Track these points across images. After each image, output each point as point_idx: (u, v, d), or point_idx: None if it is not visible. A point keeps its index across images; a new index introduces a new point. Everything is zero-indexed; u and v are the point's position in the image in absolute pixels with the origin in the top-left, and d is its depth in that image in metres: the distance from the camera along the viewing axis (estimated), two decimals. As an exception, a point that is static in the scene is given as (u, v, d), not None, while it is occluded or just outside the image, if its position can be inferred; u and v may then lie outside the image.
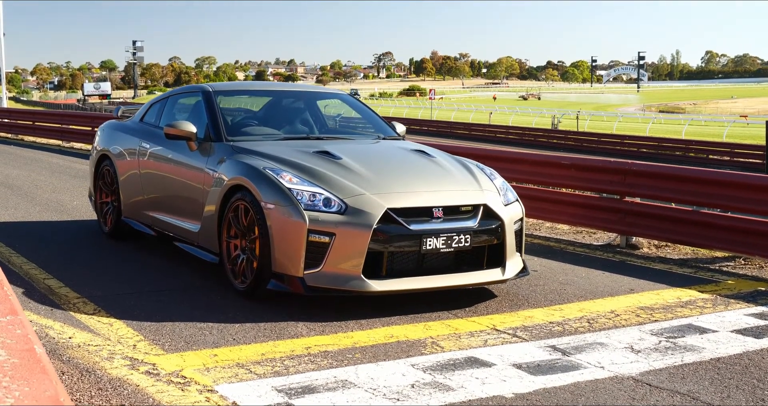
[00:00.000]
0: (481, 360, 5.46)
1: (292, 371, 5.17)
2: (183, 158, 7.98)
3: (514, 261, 7.09)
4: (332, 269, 6.40)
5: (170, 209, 8.22)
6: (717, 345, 5.88)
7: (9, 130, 28.97)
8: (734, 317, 6.62)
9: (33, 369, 1.95)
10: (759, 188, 8.33)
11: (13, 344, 2.09)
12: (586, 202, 9.99)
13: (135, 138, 9.03)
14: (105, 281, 7.50)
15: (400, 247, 6.46)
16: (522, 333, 6.10)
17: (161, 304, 6.74)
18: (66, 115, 27.00)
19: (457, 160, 7.60)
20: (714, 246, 8.78)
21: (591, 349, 5.74)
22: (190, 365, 5.27)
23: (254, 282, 6.71)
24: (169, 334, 5.93)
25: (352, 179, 6.75)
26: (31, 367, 1.96)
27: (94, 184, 9.81)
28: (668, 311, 6.79)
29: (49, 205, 12.11)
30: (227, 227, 7.06)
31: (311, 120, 8.65)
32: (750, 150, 40.28)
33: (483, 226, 6.79)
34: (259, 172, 6.81)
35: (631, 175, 9.41)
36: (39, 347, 2.10)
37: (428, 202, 6.68)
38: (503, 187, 7.31)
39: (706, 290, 7.52)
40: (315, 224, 6.38)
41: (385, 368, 5.27)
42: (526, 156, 10.95)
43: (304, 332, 6.02)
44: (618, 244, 9.62)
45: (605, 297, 7.22)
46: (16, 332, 2.17)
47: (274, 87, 9.25)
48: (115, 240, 9.38)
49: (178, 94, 9.13)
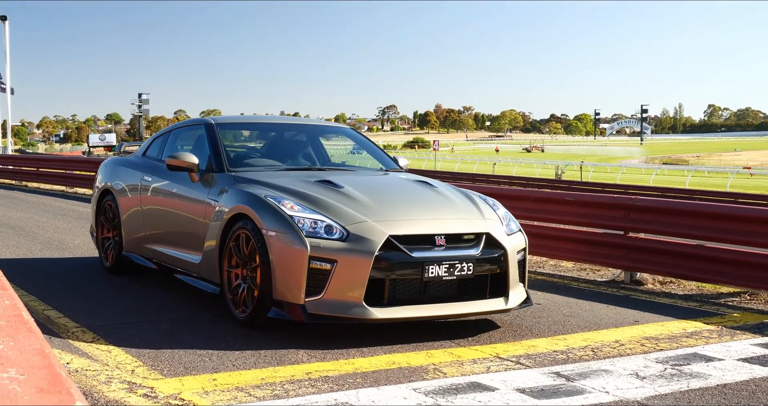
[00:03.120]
0: (483, 385, 5.37)
1: (292, 394, 5.10)
2: (185, 190, 7.96)
3: (517, 291, 7.03)
4: (334, 296, 6.34)
5: (171, 241, 8.18)
6: (723, 372, 5.80)
7: (13, 176, 29.03)
8: (740, 347, 6.54)
9: (19, 329, 1.91)
10: (764, 221, 8.27)
11: (1, 310, 2.05)
12: (589, 238, 9.94)
13: (137, 172, 9.02)
14: (104, 311, 7.44)
15: (402, 274, 6.41)
16: (525, 361, 6.03)
17: (161, 333, 6.67)
18: (70, 160, 27.06)
19: (459, 191, 7.58)
20: (720, 281, 8.71)
21: (595, 375, 5.66)
22: (188, 389, 5.20)
23: (255, 311, 6.64)
24: (168, 360, 5.86)
25: (353, 207, 6.71)
26: (17, 327, 1.92)
27: (96, 220, 9.78)
28: (673, 341, 6.71)
29: (50, 243, 12.07)
30: (228, 256, 7.01)
31: (314, 153, 8.64)
32: (754, 200, 40.22)
33: (486, 254, 6.73)
34: (260, 200, 6.78)
35: (634, 210, 9.37)
36: (26, 314, 2.07)
37: (431, 229, 6.64)
38: (506, 217, 7.27)
39: (711, 322, 7.44)
40: (316, 251, 6.34)
41: (387, 392, 5.19)
42: (529, 193, 10.93)
43: (304, 359, 5.94)
44: (622, 280, 9.55)
45: (609, 328, 7.15)
46: (4, 302, 2.13)
47: (277, 120, 9.24)
48: (116, 275, 9.33)
49: (181, 127, 9.14)
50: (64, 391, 1.46)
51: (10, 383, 1.51)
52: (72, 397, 1.44)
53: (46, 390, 1.46)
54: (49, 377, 1.54)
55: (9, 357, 1.66)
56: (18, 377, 1.55)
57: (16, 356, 1.68)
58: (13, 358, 1.67)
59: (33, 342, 1.76)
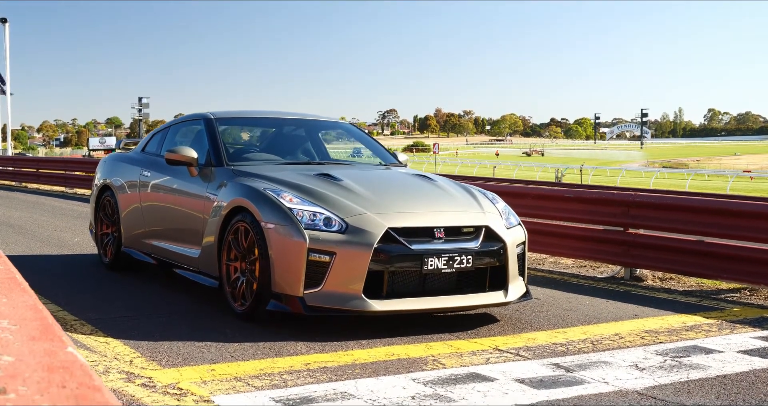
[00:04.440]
0: (483, 375, 5.36)
1: (291, 384, 5.08)
2: (184, 184, 7.95)
3: (516, 284, 7.01)
4: (332, 288, 6.33)
5: (170, 236, 8.17)
6: (723, 364, 5.78)
7: (13, 177, 29.06)
8: (740, 340, 6.52)
9: (13, 288, 1.91)
10: (764, 216, 8.26)
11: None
12: (589, 235, 9.92)
13: (136, 168, 9.01)
14: (103, 305, 7.43)
15: (402, 267, 6.39)
16: (525, 353, 6.01)
17: (159, 325, 6.66)
18: (70, 161, 27.11)
19: (459, 185, 7.57)
20: (720, 276, 8.69)
21: (595, 366, 5.64)
22: (186, 378, 5.18)
23: (254, 304, 6.63)
24: (167, 351, 5.85)
25: (353, 199, 6.70)
26: (11, 287, 1.92)
27: (95, 216, 9.77)
28: (673, 334, 6.69)
29: (50, 241, 12.06)
30: (227, 250, 7.00)
31: (312, 147, 8.63)
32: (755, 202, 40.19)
33: (485, 247, 6.72)
34: (259, 193, 6.77)
35: (634, 206, 9.36)
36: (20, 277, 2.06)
37: (430, 222, 6.63)
38: (505, 211, 7.26)
39: (711, 316, 7.43)
40: (315, 243, 6.32)
41: (385, 382, 5.18)
42: (528, 190, 10.91)
43: (303, 351, 5.93)
44: (622, 276, 9.54)
45: (609, 322, 7.13)
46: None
47: (277, 115, 9.21)
48: (115, 271, 9.31)
49: (180, 123, 9.13)
50: (56, 338, 1.46)
51: (2, 332, 1.51)
52: (63, 344, 1.43)
53: (38, 338, 1.46)
54: (41, 327, 1.54)
55: (2, 312, 1.66)
56: (10, 327, 1.55)
57: (9, 311, 1.68)
58: (6, 312, 1.66)
59: (26, 299, 1.76)
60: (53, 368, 1.27)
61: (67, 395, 1.15)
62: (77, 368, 1.30)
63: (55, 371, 1.25)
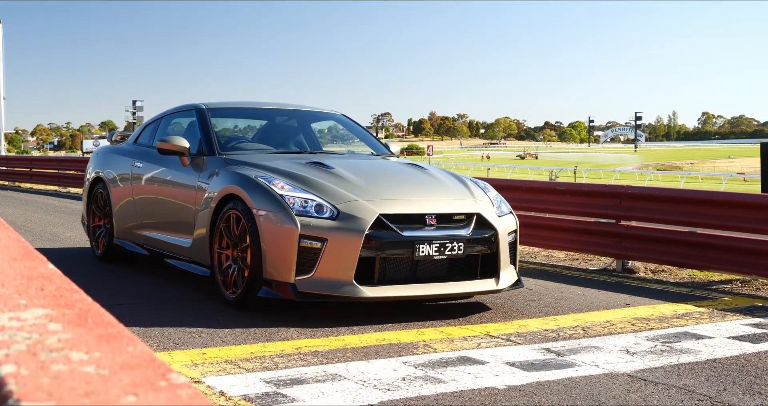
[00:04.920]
0: (473, 359, 5.37)
1: (282, 367, 5.09)
2: (176, 174, 7.95)
3: (508, 272, 7.02)
4: (324, 274, 6.33)
5: (162, 226, 8.16)
6: (713, 349, 5.80)
7: (6, 177, 29.03)
8: (731, 326, 6.54)
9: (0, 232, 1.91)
10: (756, 207, 8.28)
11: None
12: (581, 227, 9.93)
13: (129, 159, 9.01)
14: (94, 294, 7.30)
15: (393, 253, 6.40)
16: (516, 338, 6.02)
17: (150, 312, 6.66)
18: (63, 160, 27.06)
19: (451, 174, 7.58)
20: (712, 267, 8.70)
21: (586, 351, 5.66)
22: (177, 361, 5.19)
23: (245, 291, 6.63)
24: (158, 336, 5.85)
25: (344, 186, 6.71)
26: None
27: (87, 209, 9.76)
28: (664, 321, 6.71)
29: (42, 236, 12.05)
30: (219, 238, 7.00)
31: (304, 138, 8.64)
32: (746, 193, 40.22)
33: (476, 235, 6.73)
34: (250, 180, 6.77)
35: (626, 198, 9.37)
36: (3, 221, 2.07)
37: (421, 209, 6.63)
38: (497, 199, 7.27)
39: (702, 305, 7.44)
40: (307, 230, 6.32)
41: (376, 364, 5.19)
42: (520, 183, 10.91)
43: (294, 336, 5.93)
44: (614, 268, 9.55)
45: (600, 310, 7.14)
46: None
47: (269, 105, 9.20)
48: (107, 262, 9.31)
49: (172, 113, 9.12)
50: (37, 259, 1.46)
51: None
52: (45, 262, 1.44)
53: (19, 259, 1.46)
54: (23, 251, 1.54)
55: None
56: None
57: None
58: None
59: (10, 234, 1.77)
60: (33, 277, 1.28)
61: (45, 295, 1.15)
62: (57, 277, 1.31)
63: (34, 279, 1.26)
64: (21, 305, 1.09)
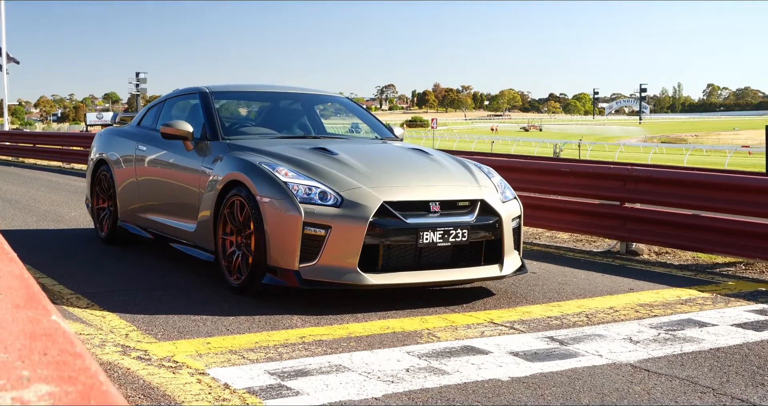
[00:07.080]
0: (477, 348, 5.38)
1: (286, 357, 5.10)
2: (179, 159, 7.94)
3: (512, 258, 7.02)
4: (328, 262, 6.33)
5: (166, 210, 8.17)
6: (717, 337, 5.81)
7: (10, 152, 29.03)
8: (734, 313, 6.55)
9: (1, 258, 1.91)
10: (761, 190, 8.26)
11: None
12: (585, 209, 9.92)
13: (132, 141, 9.00)
14: (99, 279, 7.44)
15: (397, 240, 6.40)
16: (519, 326, 6.03)
17: (155, 299, 6.68)
18: (67, 136, 27.09)
19: (454, 159, 7.56)
20: (715, 250, 8.70)
21: (589, 340, 5.67)
22: (182, 352, 5.20)
23: (249, 277, 6.64)
24: (162, 325, 5.86)
25: (348, 173, 6.70)
26: None
27: (91, 191, 9.76)
28: (667, 308, 6.71)
29: (46, 216, 12.06)
30: (223, 224, 7.00)
31: (309, 121, 8.62)
32: (751, 176, 40.14)
33: (480, 221, 6.72)
34: (254, 167, 6.77)
35: (630, 180, 9.36)
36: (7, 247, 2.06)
37: (425, 196, 6.62)
38: (501, 185, 7.26)
39: (706, 290, 7.44)
40: (311, 217, 6.32)
41: (380, 355, 5.20)
42: (524, 164, 10.90)
43: (298, 324, 5.95)
44: (618, 250, 9.55)
45: (604, 295, 7.15)
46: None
47: (273, 89, 9.18)
48: (112, 245, 9.32)
49: (176, 96, 9.11)
50: (40, 307, 1.46)
51: (-15, 301, 1.51)
52: (48, 312, 1.44)
53: (22, 307, 1.46)
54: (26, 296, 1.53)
55: (-13, 281, 1.67)
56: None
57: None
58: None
59: (12, 268, 1.76)
60: (36, 335, 1.27)
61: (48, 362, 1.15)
62: (60, 335, 1.30)
63: (37, 339, 1.26)
64: (23, 379, 1.08)
